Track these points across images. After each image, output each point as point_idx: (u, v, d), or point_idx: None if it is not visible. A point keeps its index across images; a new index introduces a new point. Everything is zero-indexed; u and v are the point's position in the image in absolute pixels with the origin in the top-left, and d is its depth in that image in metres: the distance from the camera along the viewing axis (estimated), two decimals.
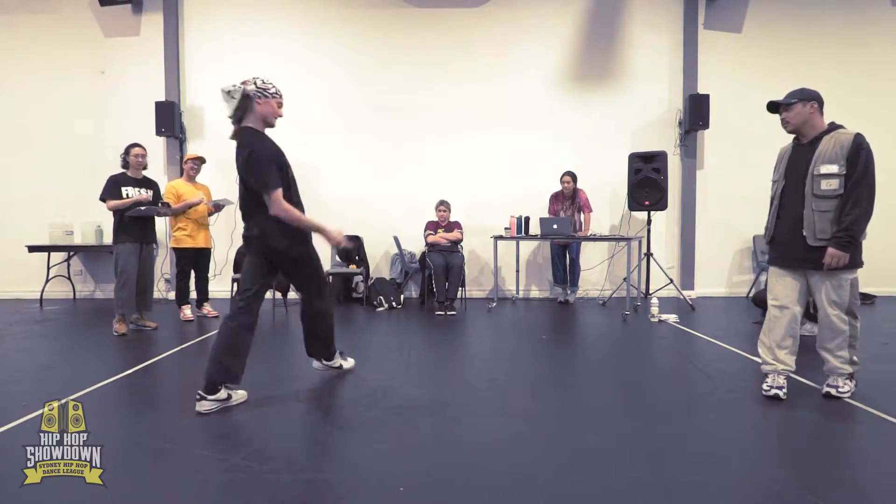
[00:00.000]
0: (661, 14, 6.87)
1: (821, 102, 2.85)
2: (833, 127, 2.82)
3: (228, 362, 2.69)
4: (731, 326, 4.92)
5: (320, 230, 2.92)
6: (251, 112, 2.79)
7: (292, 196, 2.86)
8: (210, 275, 5.55)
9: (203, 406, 2.63)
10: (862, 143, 2.67)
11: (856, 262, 2.76)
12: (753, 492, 1.84)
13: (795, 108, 2.85)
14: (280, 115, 2.89)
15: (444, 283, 5.68)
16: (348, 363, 3.41)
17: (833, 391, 2.84)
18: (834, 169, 2.69)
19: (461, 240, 6.09)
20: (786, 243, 2.88)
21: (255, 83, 2.78)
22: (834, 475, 1.98)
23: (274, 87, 2.83)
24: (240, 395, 2.82)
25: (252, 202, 2.81)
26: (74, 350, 4.19)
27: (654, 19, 6.87)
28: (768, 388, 2.87)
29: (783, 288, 2.91)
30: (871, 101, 6.83)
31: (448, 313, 5.55)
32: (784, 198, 2.89)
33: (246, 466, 2.04)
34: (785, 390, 2.86)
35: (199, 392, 2.65)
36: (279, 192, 2.71)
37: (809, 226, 2.76)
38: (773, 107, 2.96)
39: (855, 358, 2.88)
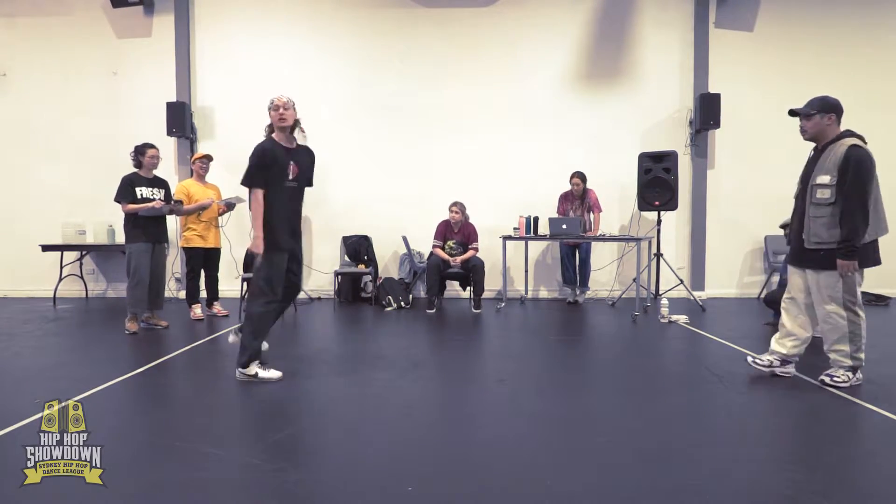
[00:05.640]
0: (671, 13, 6.81)
1: (839, 113, 3.00)
2: (842, 136, 2.98)
3: None
4: (742, 328, 4.87)
5: (256, 233, 3.13)
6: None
7: (279, 192, 3.18)
8: (226, 275, 5.60)
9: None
10: (851, 156, 2.85)
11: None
12: (764, 495, 1.82)
13: (814, 118, 3.01)
14: (281, 120, 3.18)
15: (437, 282, 5.86)
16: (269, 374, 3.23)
17: (827, 379, 3.03)
18: (826, 179, 2.93)
19: (476, 253, 5.96)
20: (795, 243, 3.16)
21: (269, 102, 3.21)
22: (846, 479, 1.96)
23: (272, 100, 3.19)
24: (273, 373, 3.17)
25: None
26: (87, 348, 4.24)
27: (664, 18, 6.82)
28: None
29: (794, 282, 3.21)
30: (883, 101, 6.74)
31: (475, 311, 5.71)
32: (798, 202, 3.15)
33: (254, 465, 2.05)
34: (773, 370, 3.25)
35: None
36: (257, 191, 3.11)
37: (807, 230, 3.04)
38: (795, 112, 3.11)
39: (860, 354, 2.98)
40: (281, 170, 3.16)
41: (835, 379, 3.00)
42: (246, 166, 3.12)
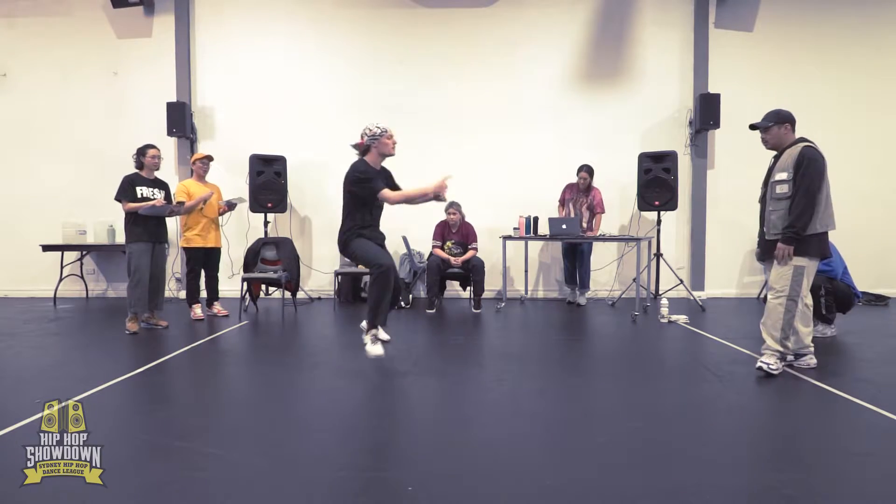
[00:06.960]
0: (671, 13, 6.81)
1: (793, 123, 3.32)
2: (797, 141, 3.27)
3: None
4: (742, 327, 4.87)
5: (425, 193, 3.71)
6: (370, 151, 3.81)
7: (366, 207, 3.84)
8: (221, 274, 5.61)
9: None
10: (805, 154, 3.13)
11: (805, 252, 3.15)
12: (763, 495, 1.82)
13: (772, 130, 3.32)
14: (394, 147, 3.93)
15: (437, 282, 5.88)
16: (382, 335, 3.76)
17: (765, 367, 3.19)
18: (784, 176, 3.20)
19: (476, 253, 5.98)
20: (762, 240, 3.40)
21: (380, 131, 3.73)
22: (847, 479, 1.96)
23: (386, 130, 3.79)
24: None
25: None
26: (87, 348, 4.24)
27: (664, 18, 6.82)
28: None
29: (769, 276, 3.40)
30: (882, 101, 6.74)
31: (475, 311, 5.74)
32: (762, 205, 3.41)
33: (251, 465, 2.05)
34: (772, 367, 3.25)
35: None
36: (385, 190, 3.70)
37: (767, 223, 3.31)
38: (754, 126, 3.42)
39: (788, 343, 3.22)
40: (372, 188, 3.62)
41: (770, 367, 3.18)
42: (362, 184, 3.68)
